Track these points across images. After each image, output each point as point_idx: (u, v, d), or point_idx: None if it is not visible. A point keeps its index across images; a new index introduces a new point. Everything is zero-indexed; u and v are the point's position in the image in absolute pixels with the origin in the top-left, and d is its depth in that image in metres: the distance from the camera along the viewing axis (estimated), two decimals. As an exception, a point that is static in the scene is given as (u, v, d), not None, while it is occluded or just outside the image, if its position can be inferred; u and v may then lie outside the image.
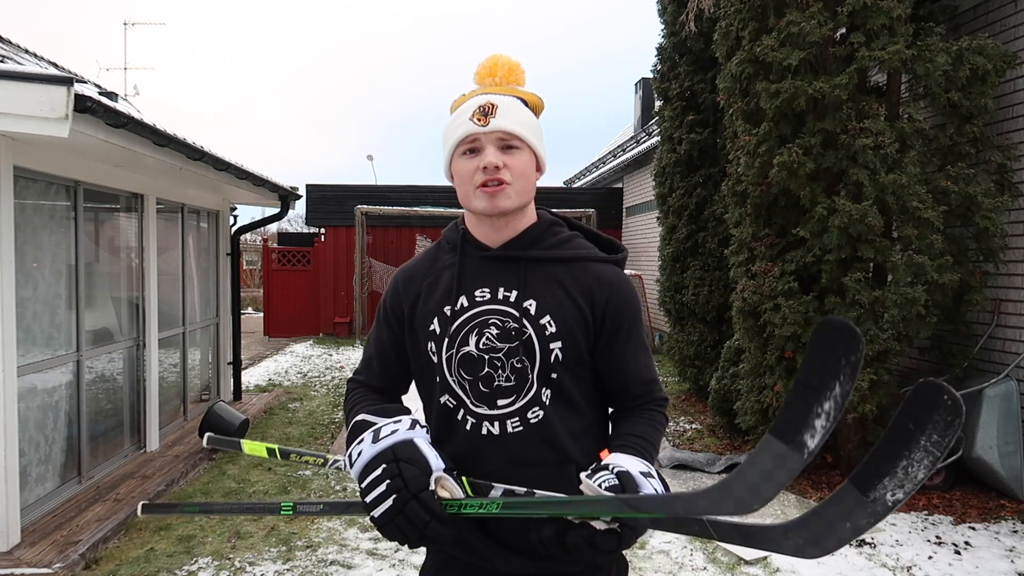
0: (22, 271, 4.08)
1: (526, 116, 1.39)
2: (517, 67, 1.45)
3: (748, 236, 5.30)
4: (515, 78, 1.44)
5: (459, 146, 1.37)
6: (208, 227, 7.58)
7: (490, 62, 1.44)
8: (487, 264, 1.41)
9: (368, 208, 13.52)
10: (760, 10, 4.94)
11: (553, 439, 1.36)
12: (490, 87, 1.43)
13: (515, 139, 1.35)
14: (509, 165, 1.34)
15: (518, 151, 1.36)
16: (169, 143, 4.50)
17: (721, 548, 4.00)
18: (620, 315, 1.40)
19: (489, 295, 1.38)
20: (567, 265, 1.41)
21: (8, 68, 3.54)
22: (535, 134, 1.39)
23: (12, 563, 3.67)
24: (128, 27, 16.66)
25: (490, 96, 1.38)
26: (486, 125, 1.33)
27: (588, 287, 1.39)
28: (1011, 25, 4.75)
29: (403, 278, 1.50)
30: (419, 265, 1.50)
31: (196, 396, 7.31)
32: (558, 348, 1.35)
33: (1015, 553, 3.89)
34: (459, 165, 1.37)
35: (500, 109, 1.35)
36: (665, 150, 7.94)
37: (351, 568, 3.81)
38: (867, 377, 4.51)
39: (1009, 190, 4.66)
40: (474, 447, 1.37)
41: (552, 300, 1.37)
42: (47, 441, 4.46)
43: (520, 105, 1.40)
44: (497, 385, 1.36)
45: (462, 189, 1.38)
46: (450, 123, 1.40)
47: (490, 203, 1.35)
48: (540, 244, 1.42)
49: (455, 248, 1.45)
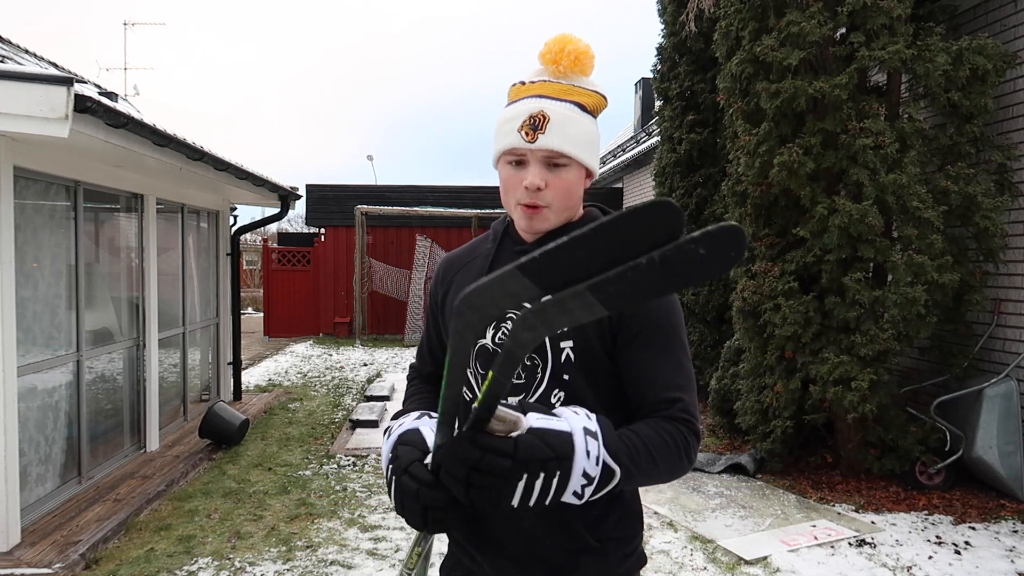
0: (22, 271, 4.08)
1: (578, 128, 1.30)
2: (585, 55, 1.32)
3: (748, 236, 5.30)
4: (580, 68, 1.33)
5: (505, 155, 1.32)
6: (208, 227, 7.59)
7: (556, 47, 1.32)
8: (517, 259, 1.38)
9: (368, 208, 13.52)
10: (760, 10, 4.94)
11: None
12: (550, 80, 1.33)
13: (562, 157, 1.28)
14: (552, 185, 1.28)
15: (565, 169, 1.29)
16: (169, 143, 4.50)
17: (721, 548, 4.00)
18: (638, 318, 1.29)
19: None
20: None
21: (8, 68, 3.55)
22: (586, 147, 1.31)
23: (12, 563, 3.67)
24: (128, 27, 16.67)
25: (544, 105, 1.29)
26: (533, 141, 1.27)
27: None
28: (1011, 25, 4.75)
29: (444, 265, 1.52)
30: (460, 254, 1.51)
31: (196, 396, 7.31)
32: (568, 348, 1.30)
33: (1015, 553, 3.89)
34: (505, 172, 1.33)
35: (551, 123, 1.27)
36: (665, 150, 7.95)
37: (351, 568, 3.81)
38: (867, 377, 4.51)
39: (1009, 190, 4.66)
40: None
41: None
42: (47, 441, 4.46)
43: (575, 114, 1.30)
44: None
45: (505, 197, 1.35)
46: (501, 122, 1.34)
47: (528, 224, 1.32)
48: None
49: (496, 239, 1.44)
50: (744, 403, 5.41)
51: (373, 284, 13.95)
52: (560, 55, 1.32)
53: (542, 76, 1.34)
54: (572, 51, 1.31)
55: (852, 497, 4.73)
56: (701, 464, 5.45)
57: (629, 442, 1.19)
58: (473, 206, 14.38)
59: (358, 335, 13.59)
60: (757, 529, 4.27)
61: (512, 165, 1.31)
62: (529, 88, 1.33)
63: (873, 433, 4.84)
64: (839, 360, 4.59)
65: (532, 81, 1.34)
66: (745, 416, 5.36)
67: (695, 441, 1.27)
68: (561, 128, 1.28)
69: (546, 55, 1.33)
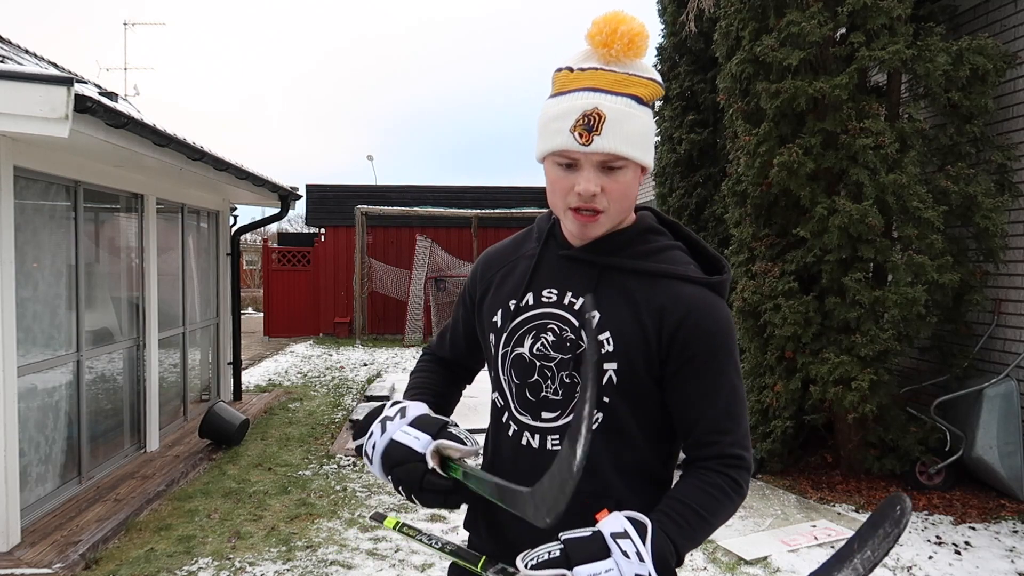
0: (22, 271, 4.08)
1: (636, 126, 1.17)
2: (639, 36, 1.17)
3: (748, 236, 5.30)
4: (635, 51, 1.18)
5: (554, 155, 1.19)
6: (208, 227, 7.59)
7: (608, 27, 1.17)
8: (564, 263, 1.28)
9: (368, 208, 13.52)
10: (760, 10, 4.94)
11: (594, 468, 1.19)
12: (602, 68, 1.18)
13: (620, 160, 1.16)
14: (608, 189, 1.17)
15: (622, 171, 1.18)
16: (169, 143, 4.50)
17: (721, 548, 4.00)
18: (691, 343, 1.19)
19: (556, 297, 1.26)
20: (649, 279, 1.23)
21: (8, 68, 3.55)
22: (643, 145, 1.19)
23: (12, 563, 3.67)
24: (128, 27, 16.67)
25: (598, 100, 1.15)
26: (588, 144, 1.14)
27: (660, 305, 1.20)
28: (1011, 25, 4.75)
29: (484, 262, 1.43)
30: (502, 251, 1.41)
31: (196, 396, 7.31)
32: (612, 370, 1.20)
33: (1015, 553, 3.89)
34: (553, 174, 1.21)
35: (608, 123, 1.14)
36: (665, 150, 7.95)
37: (351, 568, 3.81)
38: (867, 377, 4.51)
39: (1009, 190, 4.66)
40: (513, 455, 1.29)
41: (616, 316, 1.21)
42: (47, 441, 4.46)
43: (632, 109, 1.17)
44: (543, 396, 1.25)
45: (552, 198, 1.24)
46: (549, 118, 1.20)
47: (581, 231, 1.22)
48: (625, 251, 1.25)
49: (540, 238, 1.34)
50: (744, 403, 5.41)
51: (373, 284, 13.95)
52: (613, 37, 1.16)
53: (592, 63, 1.19)
54: (626, 32, 1.16)
55: (852, 497, 4.73)
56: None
57: (681, 518, 1.15)
58: (473, 206, 14.38)
59: (358, 335, 13.59)
60: (757, 529, 4.27)
61: (562, 167, 1.19)
62: (579, 78, 1.19)
63: (873, 433, 4.84)
64: (839, 360, 4.59)
65: (582, 68, 1.19)
66: (745, 416, 5.36)
67: (746, 475, 1.22)
68: (619, 128, 1.15)
69: (595, 36, 1.18)
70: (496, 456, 1.35)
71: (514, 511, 1.12)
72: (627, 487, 1.24)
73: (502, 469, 1.30)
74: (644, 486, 1.26)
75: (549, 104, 1.21)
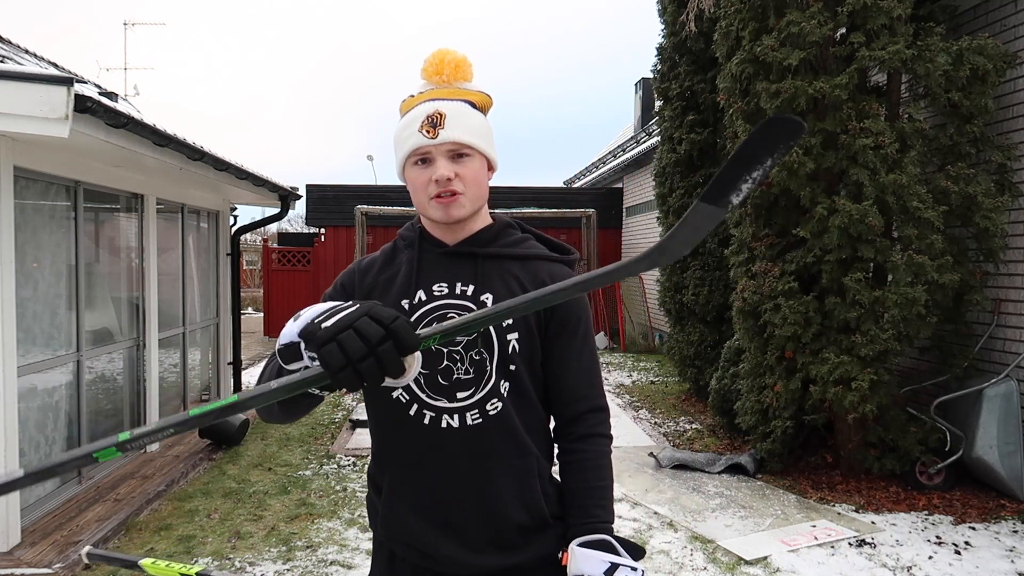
0: (22, 271, 4.08)
1: (475, 121, 1.39)
2: (463, 63, 1.43)
3: (748, 236, 5.30)
4: (462, 75, 1.43)
5: (410, 157, 1.38)
6: (208, 227, 7.59)
7: (436, 59, 1.42)
8: (444, 260, 1.43)
9: (368, 208, 13.52)
10: (760, 10, 4.94)
11: (512, 431, 1.38)
12: (437, 88, 1.42)
13: (465, 148, 1.36)
14: (461, 175, 1.36)
15: (469, 159, 1.37)
16: (169, 143, 4.50)
17: (721, 548, 4.00)
18: (569, 314, 1.41)
19: (447, 289, 1.40)
20: (521, 262, 1.44)
21: (8, 68, 3.55)
22: (485, 138, 1.40)
23: (12, 563, 3.67)
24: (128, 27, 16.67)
25: (438, 104, 1.37)
26: (435, 137, 1.34)
27: (540, 280, 1.41)
28: (1011, 25, 4.75)
29: (360, 268, 1.48)
30: (376, 260, 1.50)
31: (196, 396, 7.31)
32: (515, 339, 1.38)
33: (1015, 553, 3.89)
34: (412, 174, 1.39)
35: (448, 119, 1.35)
36: (665, 150, 7.94)
37: (351, 568, 3.81)
38: (867, 377, 4.51)
39: (1009, 190, 4.66)
40: (433, 441, 1.38)
41: (508, 293, 1.38)
42: (47, 441, 4.46)
43: (468, 110, 1.39)
44: (456, 378, 1.37)
45: (416, 197, 1.40)
46: (400, 130, 1.41)
47: (445, 213, 1.37)
48: (495, 243, 1.45)
49: (412, 244, 1.47)
50: (744, 403, 5.41)
51: (373, 284, 13.93)
52: (442, 66, 1.41)
53: (428, 87, 1.43)
54: (452, 60, 1.42)
55: (852, 497, 4.73)
56: (701, 464, 5.46)
57: (606, 502, 1.41)
58: (473, 206, 14.35)
59: (358, 335, 13.56)
60: (757, 529, 4.27)
61: (418, 165, 1.37)
62: (419, 97, 1.42)
63: (873, 433, 4.84)
64: (839, 360, 4.59)
65: (422, 92, 1.42)
66: (745, 416, 5.36)
67: (609, 420, 1.48)
68: (459, 121, 1.36)
69: (428, 69, 1.42)
70: (413, 450, 1.39)
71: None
72: (536, 444, 1.43)
73: (428, 459, 1.38)
74: (547, 440, 1.48)
75: (399, 123, 1.42)
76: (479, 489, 1.37)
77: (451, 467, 1.37)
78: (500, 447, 1.38)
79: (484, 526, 1.37)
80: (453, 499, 1.38)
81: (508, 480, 1.38)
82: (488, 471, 1.37)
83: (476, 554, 1.38)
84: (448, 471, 1.37)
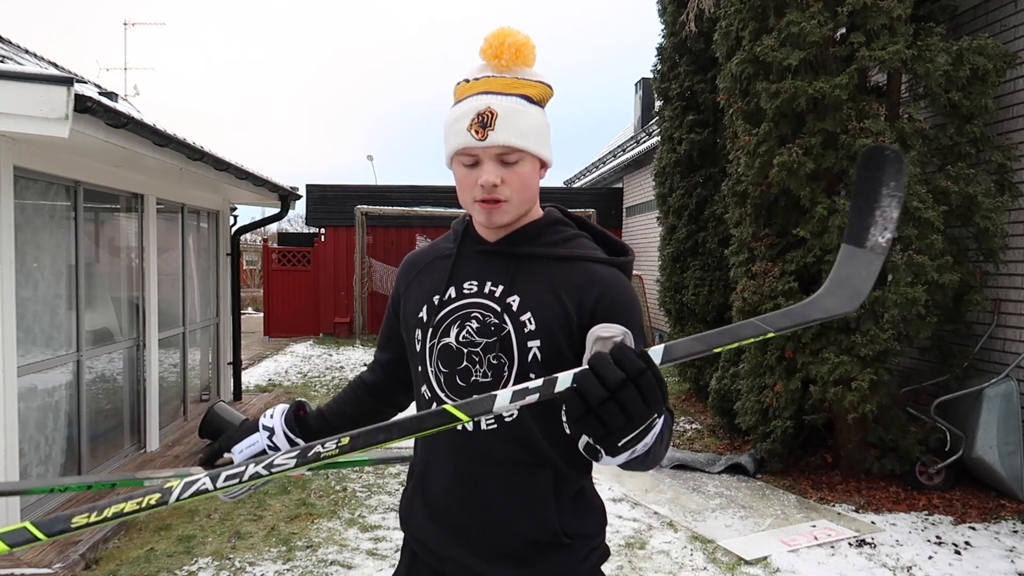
0: (22, 271, 4.08)
1: (528, 122, 1.30)
2: (525, 47, 1.31)
3: (748, 236, 5.30)
4: (523, 59, 1.32)
5: (457, 155, 1.32)
6: (208, 227, 7.59)
7: (496, 40, 1.31)
8: (481, 258, 1.39)
9: (368, 208, 13.52)
10: (760, 10, 4.94)
11: (528, 441, 1.31)
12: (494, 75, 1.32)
13: (515, 152, 1.28)
14: (508, 180, 1.29)
15: (519, 163, 1.29)
16: (169, 143, 4.50)
17: (721, 548, 4.00)
18: (611, 316, 1.28)
19: (476, 288, 1.35)
20: (563, 264, 1.35)
21: (8, 68, 3.54)
22: (538, 139, 1.31)
23: (12, 563, 3.67)
24: (128, 27, 16.67)
25: (490, 100, 1.28)
26: (484, 139, 1.26)
27: (578, 285, 1.31)
28: (1011, 25, 4.75)
29: (406, 264, 1.53)
30: (421, 255, 1.51)
31: (196, 396, 7.31)
32: (536, 347, 1.29)
33: (1015, 553, 3.89)
34: (459, 172, 1.33)
35: (500, 119, 1.27)
36: (665, 150, 7.94)
37: (351, 568, 3.81)
38: (867, 377, 4.51)
39: (1009, 190, 4.66)
40: (448, 442, 1.35)
41: (536, 297, 1.31)
42: (47, 441, 4.46)
43: (523, 107, 1.30)
44: (473, 380, 1.33)
45: (461, 195, 1.35)
46: (450, 123, 1.33)
47: (487, 219, 1.32)
48: (537, 241, 1.37)
49: (456, 239, 1.44)
50: (744, 403, 5.41)
51: (373, 284, 13.95)
52: (501, 49, 1.31)
53: (485, 72, 1.33)
54: (512, 44, 1.30)
55: (852, 497, 4.73)
56: (701, 464, 5.46)
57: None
58: (473, 206, 14.36)
59: (358, 335, 13.59)
60: (757, 529, 4.27)
61: (466, 166, 1.31)
62: (474, 86, 1.32)
63: (873, 433, 4.84)
64: (839, 360, 4.59)
65: (476, 78, 1.33)
66: (745, 416, 5.36)
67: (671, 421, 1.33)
68: (511, 122, 1.28)
69: (487, 51, 1.32)
70: (432, 450, 1.40)
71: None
72: (561, 457, 1.32)
73: (442, 459, 1.37)
74: (575, 454, 1.30)
75: (450, 111, 1.34)
76: (486, 496, 1.33)
77: (461, 470, 1.34)
78: (512, 456, 1.32)
79: (491, 534, 1.33)
80: (460, 503, 1.35)
81: (517, 490, 1.31)
82: (496, 479, 1.32)
83: (486, 563, 1.33)
84: (458, 474, 1.35)
